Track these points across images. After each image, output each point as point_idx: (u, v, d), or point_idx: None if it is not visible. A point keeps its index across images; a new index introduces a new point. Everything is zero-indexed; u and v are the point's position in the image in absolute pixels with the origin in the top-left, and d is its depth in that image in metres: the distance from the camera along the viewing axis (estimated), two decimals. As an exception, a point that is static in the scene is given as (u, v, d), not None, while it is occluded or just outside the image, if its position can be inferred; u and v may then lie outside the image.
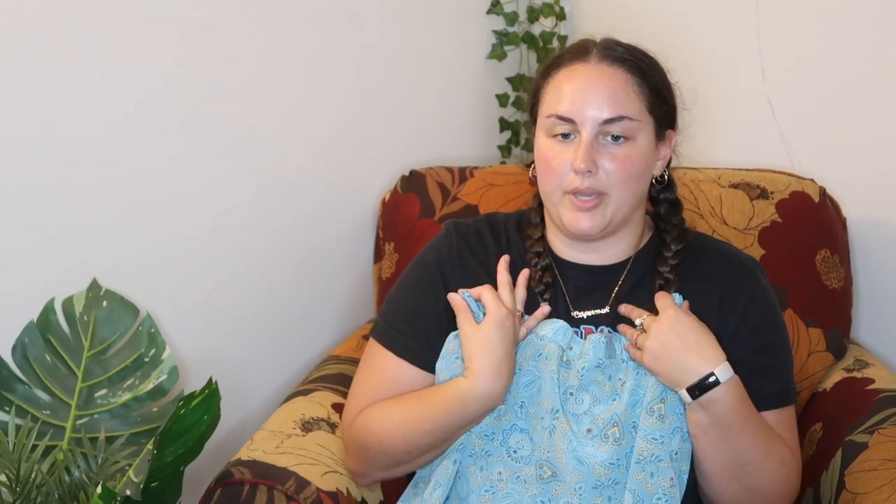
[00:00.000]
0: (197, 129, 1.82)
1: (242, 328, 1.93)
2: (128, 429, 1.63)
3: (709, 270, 1.49)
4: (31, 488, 1.45)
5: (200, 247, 1.85)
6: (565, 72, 1.42)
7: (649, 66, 1.44)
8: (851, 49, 1.90)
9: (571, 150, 1.39)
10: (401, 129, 2.14)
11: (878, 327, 1.92)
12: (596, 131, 1.38)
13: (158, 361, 1.67)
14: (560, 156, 1.40)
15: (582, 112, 1.38)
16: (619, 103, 1.38)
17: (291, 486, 1.46)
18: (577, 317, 1.48)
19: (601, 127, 1.38)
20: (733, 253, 1.54)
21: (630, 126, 1.39)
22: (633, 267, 1.50)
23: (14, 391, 1.61)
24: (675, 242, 1.49)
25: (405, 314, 1.52)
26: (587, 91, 1.39)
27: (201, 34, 1.80)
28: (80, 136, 1.68)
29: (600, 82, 1.39)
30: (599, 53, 1.42)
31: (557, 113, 1.39)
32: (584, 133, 1.38)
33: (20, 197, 1.63)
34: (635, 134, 1.40)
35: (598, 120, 1.38)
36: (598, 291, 1.49)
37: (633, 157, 1.39)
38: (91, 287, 1.69)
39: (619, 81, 1.40)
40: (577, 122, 1.38)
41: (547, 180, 1.43)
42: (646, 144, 1.41)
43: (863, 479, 1.48)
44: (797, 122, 1.98)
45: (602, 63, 1.41)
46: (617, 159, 1.39)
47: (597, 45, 1.44)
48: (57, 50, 1.63)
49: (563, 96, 1.40)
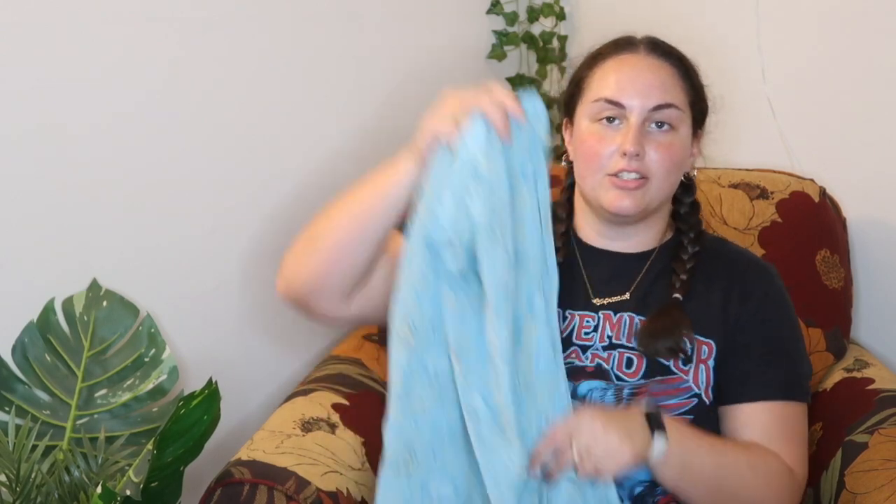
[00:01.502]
0: (197, 129, 1.82)
1: (242, 328, 1.93)
2: (128, 429, 1.63)
3: (726, 271, 1.50)
4: (31, 488, 1.45)
5: (200, 247, 1.85)
6: (613, 61, 1.47)
7: (689, 64, 1.50)
8: (851, 49, 1.90)
9: (618, 135, 1.42)
10: (401, 129, 2.13)
11: (878, 327, 1.92)
12: (644, 117, 1.42)
13: (158, 361, 1.67)
14: (606, 139, 1.43)
15: (631, 97, 1.43)
16: (668, 92, 1.44)
17: (291, 486, 1.46)
18: (598, 304, 1.49)
19: (649, 113, 1.42)
20: (752, 257, 1.57)
21: (676, 115, 1.44)
22: (656, 258, 1.52)
23: (14, 391, 1.61)
24: (692, 244, 1.51)
25: None
26: (636, 78, 1.44)
27: (201, 34, 1.80)
28: (81, 136, 1.68)
29: (649, 71, 1.45)
30: (646, 46, 1.48)
31: (606, 97, 1.44)
32: (633, 118, 1.42)
33: (20, 197, 1.63)
34: (679, 124, 1.45)
35: (647, 106, 1.42)
36: (620, 278, 1.51)
37: (675, 145, 1.44)
38: (91, 287, 1.69)
39: (667, 72, 1.46)
40: (626, 108, 1.43)
41: (589, 163, 1.46)
42: (686, 136, 1.47)
43: (863, 479, 1.48)
44: (797, 122, 1.98)
45: (650, 55, 1.47)
46: (662, 146, 1.43)
47: (642, 39, 1.50)
48: (57, 50, 1.64)
49: (612, 82, 1.45)
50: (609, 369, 1.44)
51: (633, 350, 1.45)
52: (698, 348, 1.44)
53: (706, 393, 1.44)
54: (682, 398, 1.43)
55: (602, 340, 1.46)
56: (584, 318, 1.48)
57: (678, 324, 1.44)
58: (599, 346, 1.46)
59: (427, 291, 1.34)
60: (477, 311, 1.33)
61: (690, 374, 1.44)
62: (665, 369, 1.43)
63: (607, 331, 1.47)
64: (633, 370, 1.44)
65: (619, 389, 1.42)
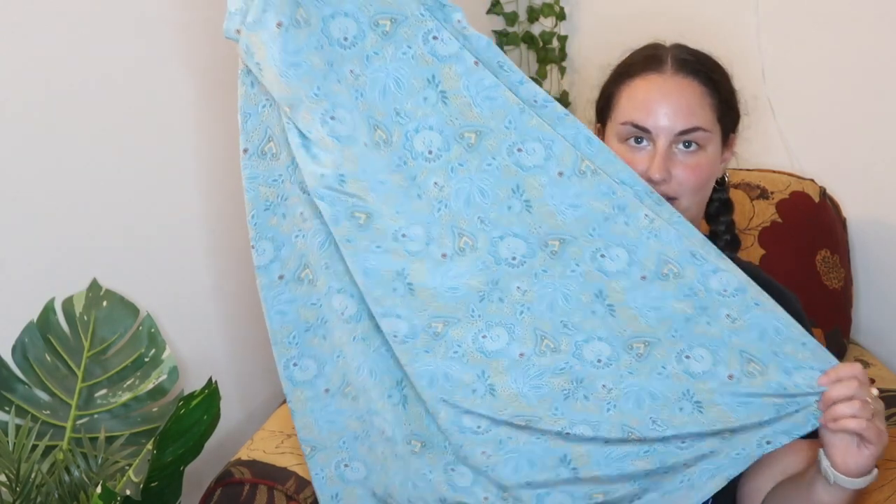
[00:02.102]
0: (197, 129, 1.82)
1: (242, 328, 1.93)
2: (128, 429, 1.63)
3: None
4: (31, 488, 1.45)
5: (200, 247, 1.85)
6: (640, 81, 1.45)
7: (720, 75, 1.49)
8: (851, 49, 1.90)
9: (645, 157, 1.43)
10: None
11: (878, 327, 1.92)
12: (670, 141, 1.42)
13: (158, 361, 1.67)
14: (634, 162, 1.43)
15: (657, 122, 1.42)
16: (694, 115, 1.42)
17: (291, 486, 1.46)
18: None
19: (675, 137, 1.42)
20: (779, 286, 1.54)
21: (702, 136, 1.43)
22: None
23: (14, 391, 1.61)
24: (726, 249, 1.51)
25: None
26: (663, 102, 1.43)
27: (201, 34, 1.80)
28: (80, 136, 1.68)
29: (676, 94, 1.43)
30: (674, 64, 1.45)
31: (633, 121, 1.43)
32: (660, 143, 1.42)
33: (20, 197, 1.63)
34: (706, 143, 1.44)
35: (674, 131, 1.42)
36: None
37: (703, 165, 1.44)
38: (91, 287, 1.69)
39: (694, 93, 1.44)
40: (653, 132, 1.42)
41: None
42: (714, 153, 1.46)
43: (863, 479, 1.48)
44: (797, 122, 1.98)
45: (677, 75, 1.45)
46: (689, 168, 1.43)
47: (670, 54, 1.47)
48: (57, 50, 1.64)
49: (639, 105, 1.44)
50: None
51: None
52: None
53: None
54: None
55: None
56: None
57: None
58: None
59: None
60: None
61: None
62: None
63: None
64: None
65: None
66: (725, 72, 1.51)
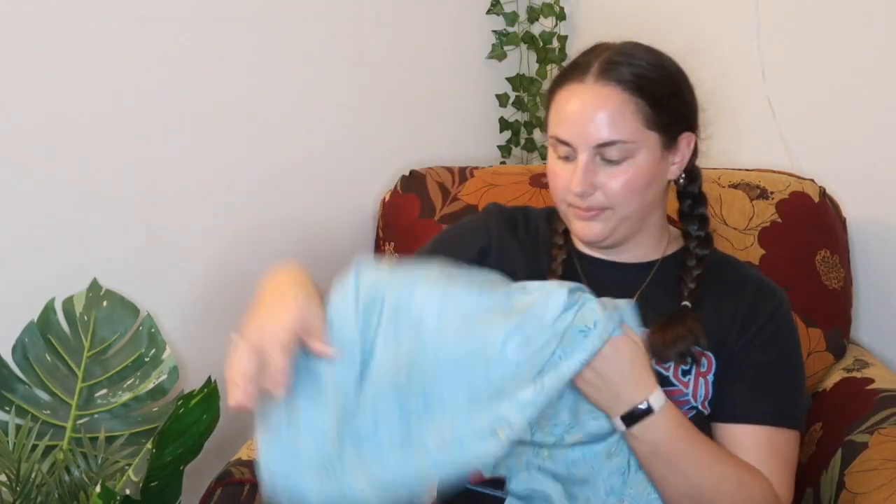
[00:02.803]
0: (197, 129, 1.82)
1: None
2: (128, 429, 1.63)
3: (735, 290, 1.48)
4: (32, 488, 1.45)
5: (200, 247, 1.85)
6: (565, 92, 1.42)
7: (650, 78, 1.42)
8: (851, 49, 1.90)
9: (571, 170, 1.40)
10: (401, 129, 2.14)
11: (878, 327, 1.92)
12: (592, 153, 1.39)
13: (158, 361, 1.67)
14: (563, 174, 1.42)
15: (576, 137, 1.39)
16: (614, 126, 1.37)
17: (291, 486, 1.46)
18: None
19: (597, 150, 1.39)
20: (763, 279, 1.53)
21: (625, 148, 1.38)
22: (659, 269, 1.50)
23: (14, 391, 1.61)
24: (699, 248, 1.49)
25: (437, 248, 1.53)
26: (581, 115, 1.39)
27: (201, 33, 1.80)
28: (81, 136, 1.68)
29: (593, 105, 1.38)
30: (598, 72, 1.39)
31: (557, 136, 1.41)
32: (581, 157, 1.39)
33: (20, 197, 1.63)
34: (633, 153, 1.39)
35: (592, 144, 1.38)
36: (622, 288, 1.48)
37: (632, 174, 1.40)
38: (91, 287, 1.69)
39: (614, 103, 1.38)
40: (574, 146, 1.40)
41: (554, 194, 1.46)
42: (647, 160, 1.41)
43: (863, 478, 1.48)
44: (797, 122, 1.98)
45: (598, 83, 1.39)
46: (615, 178, 1.39)
47: (598, 59, 1.41)
48: (57, 50, 1.64)
49: (562, 119, 1.41)
50: None
51: None
52: (698, 359, 1.43)
53: (703, 405, 1.43)
54: (681, 410, 1.40)
55: None
56: None
57: (692, 330, 1.41)
58: None
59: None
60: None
61: (690, 386, 1.42)
62: (665, 380, 1.41)
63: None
64: None
65: None
66: (668, 72, 1.44)
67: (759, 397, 1.43)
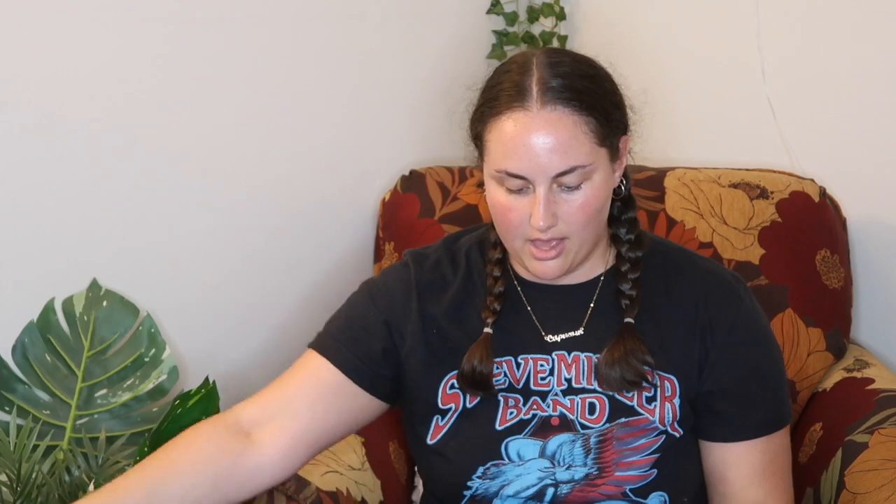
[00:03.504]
0: (197, 128, 1.82)
1: (242, 328, 1.93)
2: (128, 429, 1.63)
3: (687, 293, 1.42)
4: (32, 488, 1.45)
5: (200, 246, 1.85)
6: (507, 121, 1.31)
7: (594, 93, 1.33)
8: (851, 49, 1.90)
9: (527, 203, 1.32)
10: (401, 129, 2.14)
11: (878, 327, 1.92)
12: (550, 184, 1.31)
13: (158, 361, 1.67)
14: (516, 209, 1.33)
15: (532, 169, 1.30)
16: (570, 153, 1.29)
17: (291, 486, 1.46)
18: (551, 341, 1.42)
19: (555, 179, 1.31)
20: (713, 271, 1.46)
21: (584, 172, 1.31)
22: (604, 286, 1.44)
23: (14, 391, 1.61)
24: (631, 251, 1.42)
25: (345, 325, 1.46)
26: (534, 145, 1.29)
27: (202, 32, 1.80)
28: (80, 135, 1.68)
29: (545, 133, 1.29)
30: (541, 97, 1.30)
31: (507, 170, 1.31)
32: (539, 190, 1.30)
33: (20, 196, 1.63)
34: (591, 175, 1.32)
35: (550, 174, 1.30)
36: (570, 312, 1.43)
37: (590, 198, 1.33)
38: (91, 287, 1.69)
39: (567, 127, 1.30)
40: (530, 179, 1.31)
41: (506, 231, 1.36)
42: (602, 178, 1.34)
43: (863, 479, 1.48)
44: (797, 122, 1.98)
45: (545, 108, 1.29)
46: (575, 206, 1.32)
47: (536, 79, 1.31)
48: (56, 49, 1.63)
49: (510, 152, 1.31)
50: (574, 419, 1.38)
51: (595, 392, 1.39)
52: (661, 385, 1.39)
53: (672, 427, 1.39)
54: (649, 437, 1.38)
55: (560, 384, 1.39)
56: (537, 362, 1.41)
57: (633, 352, 1.36)
58: (558, 389, 1.39)
59: None
60: None
61: (656, 413, 1.38)
62: (629, 410, 1.38)
63: (564, 373, 1.40)
64: (597, 415, 1.38)
65: (587, 439, 1.37)
66: (602, 81, 1.35)
67: (747, 412, 1.40)
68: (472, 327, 1.43)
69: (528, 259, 1.37)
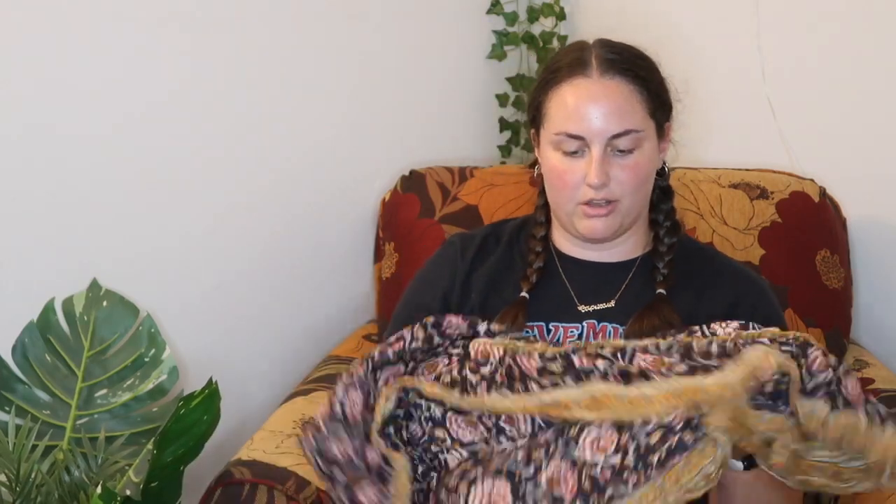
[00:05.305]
0: (197, 129, 1.82)
1: (242, 328, 1.93)
2: (128, 429, 1.63)
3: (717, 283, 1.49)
4: (31, 488, 1.45)
5: (200, 247, 1.85)
6: (568, 87, 1.44)
7: (647, 69, 1.47)
8: (851, 49, 1.90)
9: (583, 165, 1.43)
10: (401, 129, 2.14)
11: (878, 327, 1.92)
12: (605, 146, 1.42)
13: (158, 361, 1.67)
14: (572, 170, 1.44)
15: (590, 129, 1.42)
16: (626, 117, 1.42)
17: (291, 486, 1.46)
18: (583, 311, 1.49)
19: (610, 141, 1.42)
20: (744, 270, 1.55)
21: (637, 137, 1.43)
22: (639, 267, 1.52)
23: (14, 391, 1.61)
24: (667, 235, 1.51)
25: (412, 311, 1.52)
26: (592, 108, 1.42)
27: (202, 36, 1.80)
28: (80, 136, 1.68)
29: (604, 98, 1.42)
30: (600, 66, 1.44)
31: (567, 131, 1.43)
32: (595, 149, 1.42)
33: (20, 196, 1.63)
34: (642, 142, 1.44)
35: (607, 135, 1.42)
36: (605, 287, 1.51)
37: (641, 164, 1.44)
38: (91, 287, 1.69)
39: (623, 94, 1.43)
40: (587, 139, 1.42)
41: (560, 193, 1.47)
42: (651, 148, 1.46)
43: (863, 479, 1.48)
44: (797, 122, 1.98)
45: (604, 77, 1.43)
46: (627, 169, 1.43)
47: (595, 55, 1.45)
48: (57, 50, 1.64)
49: (570, 114, 1.43)
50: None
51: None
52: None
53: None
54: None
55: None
56: (567, 329, 1.48)
57: (668, 321, 1.43)
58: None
59: None
60: None
61: None
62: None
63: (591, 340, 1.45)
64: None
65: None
66: (653, 63, 1.49)
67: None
68: (509, 294, 1.51)
69: (580, 219, 1.46)
